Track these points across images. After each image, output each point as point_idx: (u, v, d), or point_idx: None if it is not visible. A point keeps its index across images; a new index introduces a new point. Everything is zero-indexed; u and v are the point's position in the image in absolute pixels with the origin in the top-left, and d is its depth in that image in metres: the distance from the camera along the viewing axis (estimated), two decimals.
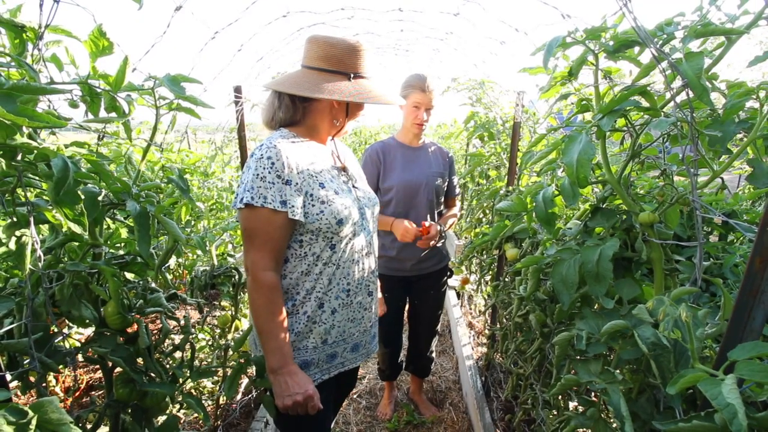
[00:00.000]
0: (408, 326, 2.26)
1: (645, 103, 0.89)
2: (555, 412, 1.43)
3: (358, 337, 1.28)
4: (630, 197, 0.98)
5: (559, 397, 1.38)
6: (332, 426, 1.66)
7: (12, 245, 0.85)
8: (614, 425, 0.87)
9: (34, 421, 0.63)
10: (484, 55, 2.18)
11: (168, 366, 1.20)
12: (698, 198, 0.75)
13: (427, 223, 1.79)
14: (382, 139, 2.00)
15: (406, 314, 2.21)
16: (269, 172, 1.03)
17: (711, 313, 0.79)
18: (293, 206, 1.05)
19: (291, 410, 1.06)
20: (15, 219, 0.85)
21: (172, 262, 2.28)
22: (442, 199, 1.99)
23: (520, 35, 1.44)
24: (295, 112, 1.17)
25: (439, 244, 1.90)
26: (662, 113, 0.84)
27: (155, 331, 2.38)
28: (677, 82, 0.79)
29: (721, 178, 0.85)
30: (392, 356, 2.17)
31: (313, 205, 1.09)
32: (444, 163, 1.98)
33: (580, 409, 1.00)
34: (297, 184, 1.07)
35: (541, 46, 0.92)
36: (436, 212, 1.98)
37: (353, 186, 1.25)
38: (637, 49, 0.92)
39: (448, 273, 2.17)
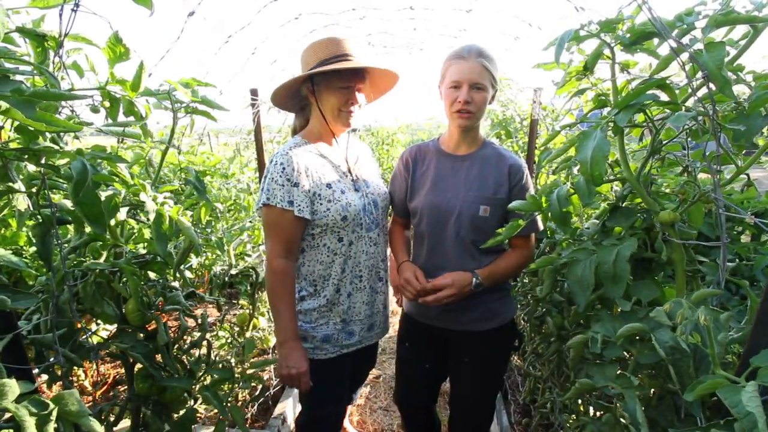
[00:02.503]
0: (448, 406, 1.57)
1: (665, 97, 0.85)
2: (574, 417, 1.40)
3: (372, 317, 1.41)
4: (650, 195, 0.94)
5: (578, 401, 1.34)
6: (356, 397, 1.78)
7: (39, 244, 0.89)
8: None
9: (54, 413, 0.66)
10: (499, 52, 2.14)
11: (186, 362, 1.23)
12: (721, 196, 0.71)
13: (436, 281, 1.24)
14: (417, 142, 1.51)
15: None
16: (280, 176, 1.18)
17: (734, 317, 0.75)
18: (299, 206, 1.19)
19: (286, 381, 1.23)
20: (40, 219, 0.89)
21: (194, 261, 2.34)
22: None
23: (534, 30, 1.41)
24: (302, 118, 1.37)
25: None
26: (683, 107, 0.80)
27: (174, 328, 2.44)
28: (698, 75, 0.75)
29: (747, 175, 0.80)
30: None
31: (321, 204, 1.22)
32: (499, 181, 1.27)
33: (599, 413, 0.97)
34: (304, 186, 1.20)
35: (553, 40, 0.89)
36: (478, 255, 1.29)
37: (360, 186, 1.35)
38: (656, 40, 0.88)
39: (516, 341, 1.42)
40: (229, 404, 1.24)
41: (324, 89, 1.24)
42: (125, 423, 1.23)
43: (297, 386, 1.25)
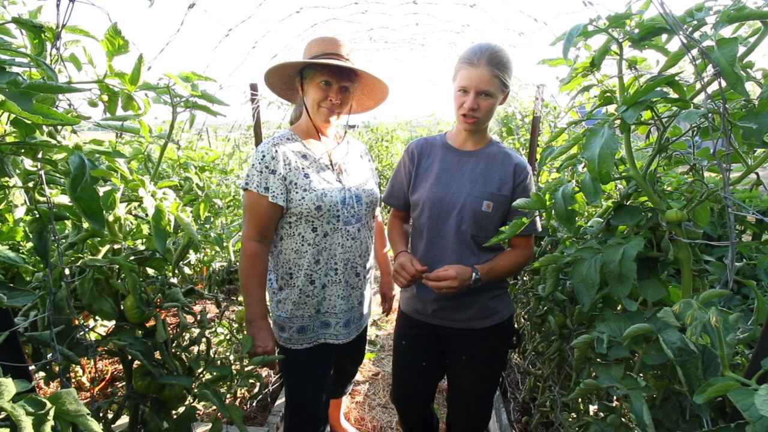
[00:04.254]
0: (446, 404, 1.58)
1: (673, 95, 0.84)
2: (574, 415, 1.39)
3: (348, 313, 1.42)
4: (656, 194, 0.93)
5: (579, 400, 1.34)
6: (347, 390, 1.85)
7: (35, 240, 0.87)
8: None
9: (51, 412, 0.65)
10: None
11: (185, 359, 1.22)
12: (731, 195, 0.70)
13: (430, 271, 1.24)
14: (424, 136, 1.53)
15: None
16: (260, 163, 1.25)
17: (743, 317, 0.75)
18: (274, 192, 1.24)
19: (255, 361, 1.22)
20: (38, 215, 0.87)
21: (192, 258, 2.32)
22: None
23: (540, 25, 1.39)
24: (298, 110, 1.41)
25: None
26: (692, 104, 0.79)
27: (173, 325, 2.43)
28: (708, 72, 0.74)
29: (756, 174, 0.79)
30: None
31: (296, 192, 1.27)
32: (504, 178, 1.28)
33: (601, 414, 0.96)
34: (281, 174, 1.25)
35: (560, 35, 0.88)
36: (478, 251, 1.30)
37: (343, 179, 1.37)
38: (664, 37, 0.87)
39: (513, 338, 1.42)
40: (226, 402, 1.23)
41: (309, 82, 1.30)
42: (124, 419, 1.22)
43: (265, 364, 1.28)
